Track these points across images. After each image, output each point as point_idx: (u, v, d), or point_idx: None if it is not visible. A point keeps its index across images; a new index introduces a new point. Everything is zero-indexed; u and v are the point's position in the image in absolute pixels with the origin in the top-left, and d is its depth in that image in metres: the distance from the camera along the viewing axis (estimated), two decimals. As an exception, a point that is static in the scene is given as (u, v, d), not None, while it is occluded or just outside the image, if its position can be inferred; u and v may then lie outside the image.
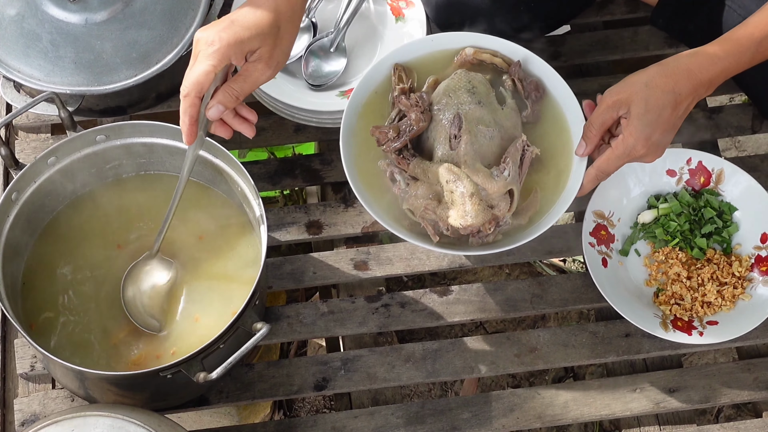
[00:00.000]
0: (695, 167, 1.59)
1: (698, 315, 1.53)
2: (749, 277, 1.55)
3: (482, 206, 1.39)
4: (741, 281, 1.54)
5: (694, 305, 1.53)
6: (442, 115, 1.46)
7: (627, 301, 1.52)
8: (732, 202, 1.58)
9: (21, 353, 1.51)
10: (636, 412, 1.51)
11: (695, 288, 1.54)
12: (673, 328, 1.50)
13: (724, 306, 1.53)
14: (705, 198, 1.58)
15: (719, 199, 1.58)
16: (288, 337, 1.55)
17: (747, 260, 1.55)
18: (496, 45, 1.53)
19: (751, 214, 1.57)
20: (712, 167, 1.59)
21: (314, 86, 1.64)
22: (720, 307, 1.53)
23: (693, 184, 1.60)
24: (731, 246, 1.57)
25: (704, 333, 1.50)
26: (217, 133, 1.37)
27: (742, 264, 1.55)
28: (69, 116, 1.47)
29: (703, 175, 1.59)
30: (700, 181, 1.59)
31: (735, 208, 1.58)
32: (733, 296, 1.53)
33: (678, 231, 1.56)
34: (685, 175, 1.59)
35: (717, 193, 1.59)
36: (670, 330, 1.50)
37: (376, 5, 1.70)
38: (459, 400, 1.52)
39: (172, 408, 1.48)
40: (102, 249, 1.48)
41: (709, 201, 1.58)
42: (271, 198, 2.01)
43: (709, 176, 1.59)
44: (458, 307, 1.56)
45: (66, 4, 1.55)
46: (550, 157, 1.49)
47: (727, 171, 1.58)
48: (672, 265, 1.55)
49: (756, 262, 1.55)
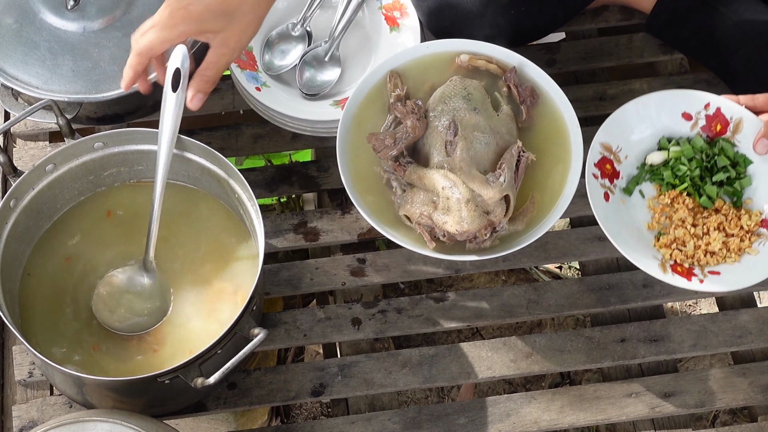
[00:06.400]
0: (713, 113, 1.53)
1: (700, 263, 1.48)
2: (758, 232, 1.49)
3: (478, 212, 1.40)
4: (749, 235, 1.49)
5: (696, 253, 1.48)
6: (438, 122, 1.46)
7: (625, 239, 1.47)
8: (747, 155, 1.52)
9: (19, 360, 1.52)
10: (632, 417, 1.52)
11: (699, 236, 1.49)
12: (672, 271, 1.46)
13: (728, 258, 1.48)
14: (720, 145, 1.52)
15: (735, 150, 1.53)
16: (285, 343, 1.55)
17: (757, 215, 1.50)
18: (491, 51, 1.54)
19: (766, 168, 1.52)
20: (730, 116, 1.52)
21: (309, 95, 1.65)
22: (724, 258, 1.48)
23: (708, 130, 1.53)
24: (742, 200, 1.52)
25: (705, 281, 1.46)
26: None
27: (751, 218, 1.50)
28: (67, 124, 1.48)
29: (720, 122, 1.52)
30: (716, 129, 1.53)
31: (750, 161, 1.52)
32: (740, 249, 1.48)
33: (687, 176, 1.51)
34: (701, 120, 1.54)
35: (732, 143, 1.53)
36: (669, 272, 1.45)
37: (370, 15, 1.70)
38: (456, 406, 1.52)
39: (170, 414, 1.48)
40: (100, 256, 1.49)
41: (725, 149, 1.52)
42: (268, 205, 2.01)
43: (726, 124, 1.52)
44: (455, 313, 1.57)
45: (64, 12, 1.56)
46: (546, 162, 1.50)
47: (746, 121, 1.52)
48: (678, 209, 1.50)
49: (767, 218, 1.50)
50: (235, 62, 1.63)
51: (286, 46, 1.68)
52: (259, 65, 1.66)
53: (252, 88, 1.61)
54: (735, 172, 1.52)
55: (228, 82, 1.72)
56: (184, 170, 1.50)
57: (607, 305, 1.57)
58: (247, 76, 1.63)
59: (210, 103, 1.70)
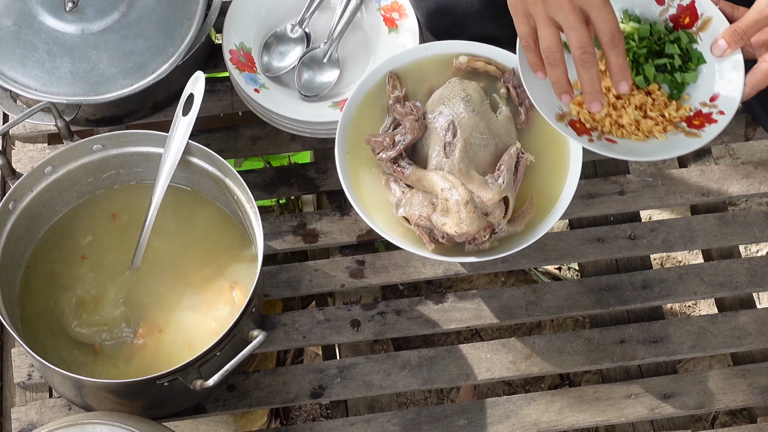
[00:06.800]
0: (686, 5, 1.48)
1: (603, 129, 1.45)
2: (678, 125, 1.46)
3: (477, 214, 1.40)
4: (666, 124, 1.46)
5: (604, 120, 1.45)
6: (437, 123, 1.47)
7: (539, 83, 1.43)
8: (704, 54, 1.48)
9: (18, 362, 1.52)
10: (631, 418, 1.52)
11: (616, 107, 1.46)
12: (569, 125, 1.43)
13: (634, 136, 1.45)
14: (677, 35, 1.49)
15: (694, 47, 1.48)
16: (284, 345, 1.55)
17: (686, 110, 1.46)
18: (490, 53, 1.54)
19: (717, 72, 1.46)
20: (702, 12, 1.48)
21: (307, 97, 1.65)
22: (630, 135, 1.45)
23: (676, 21, 1.50)
24: (681, 95, 1.48)
25: (594, 141, 1.42)
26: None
27: (678, 111, 1.46)
28: (65, 126, 1.48)
29: (690, 16, 1.48)
30: (684, 21, 1.49)
31: (704, 61, 1.48)
32: (650, 131, 1.45)
33: (632, 52, 1.48)
34: (672, 8, 1.50)
35: (694, 39, 1.49)
36: (564, 123, 1.42)
37: (369, 16, 1.70)
38: (455, 407, 1.52)
39: (169, 416, 1.48)
40: (99, 258, 1.49)
41: (680, 39, 1.48)
42: (267, 207, 2.01)
43: (695, 20, 1.48)
44: (454, 315, 1.57)
45: (62, 14, 1.56)
46: (545, 163, 1.50)
47: (715, 22, 1.46)
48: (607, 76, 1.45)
49: (693, 116, 1.46)
50: (234, 64, 1.63)
51: (284, 47, 1.68)
52: (257, 67, 1.66)
53: (251, 89, 1.61)
54: (681, 63, 1.47)
55: (226, 84, 1.72)
56: (182, 172, 1.50)
57: (606, 306, 1.58)
58: (246, 78, 1.63)
59: (209, 105, 1.71)
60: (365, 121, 1.52)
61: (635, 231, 1.62)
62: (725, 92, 1.45)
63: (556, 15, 1.35)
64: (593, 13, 1.35)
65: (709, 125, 1.44)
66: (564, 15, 1.34)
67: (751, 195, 1.66)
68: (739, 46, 1.42)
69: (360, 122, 1.51)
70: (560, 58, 1.39)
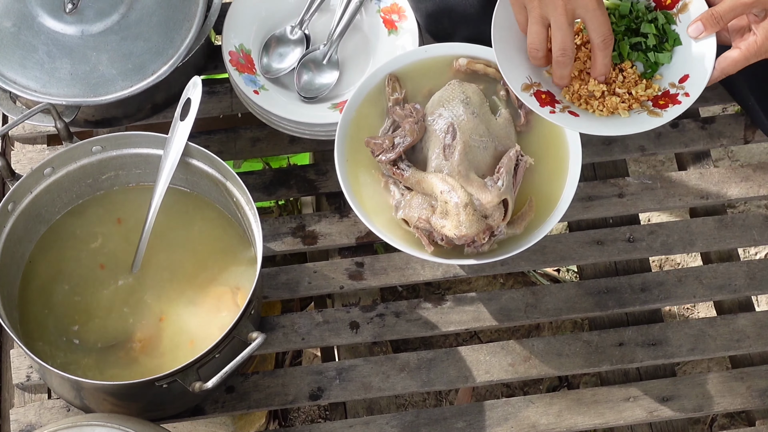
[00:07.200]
0: None
1: (566, 100, 1.46)
2: (644, 104, 1.46)
3: (476, 216, 1.40)
4: (631, 101, 1.46)
5: (570, 91, 1.46)
6: (436, 126, 1.47)
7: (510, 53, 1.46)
8: (681, 36, 1.48)
9: (17, 363, 1.51)
10: (630, 421, 1.52)
11: (584, 80, 1.47)
12: (534, 95, 1.44)
13: (598, 110, 1.46)
14: (655, 15, 1.49)
15: (673, 28, 1.49)
16: (283, 347, 1.55)
17: (655, 89, 1.46)
18: (489, 55, 1.54)
19: (690, 54, 1.46)
20: None
21: (307, 99, 1.65)
22: (594, 109, 1.46)
23: (658, 1, 1.50)
24: (654, 74, 1.49)
25: (556, 113, 1.43)
26: None
27: (646, 90, 1.46)
28: (65, 127, 1.48)
29: None
30: (666, 2, 1.49)
31: (680, 42, 1.48)
32: (614, 108, 1.45)
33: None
34: None
35: (673, 20, 1.49)
36: (529, 93, 1.44)
37: (368, 18, 1.70)
38: (454, 410, 1.52)
39: (168, 418, 1.48)
40: (98, 260, 1.49)
41: (657, 19, 1.49)
42: (266, 208, 2.01)
43: (676, 1, 1.49)
44: (453, 317, 1.57)
45: (62, 15, 1.56)
46: (545, 166, 1.50)
47: (695, 5, 1.47)
48: (581, 49, 1.48)
49: (660, 96, 1.46)
50: (233, 65, 1.63)
51: (284, 49, 1.68)
52: (257, 68, 1.66)
53: (250, 91, 1.61)
54: (656, 43, 1.48)
55: (226, 86, 1.72)
56: (181, 174, 1.50)
57: (605, 309, 1.58)
58: (245, 79, 1.63)
59: (208, 107, 1.70)
60: (365, 123, 1.52)
61: (634, 233, 1.62)
62: (694, 74, 1.46)
63: (549, 13, 1.39)
64: (588, 15, 1.39)
65: (672, 106, 1.45)
66: (556, 15, 1.39)
67: (750, 198, 1.66)
68: (715, 30, 1.43)
69: (359, 124, 1.51)
70: (542, 56, 1.45)
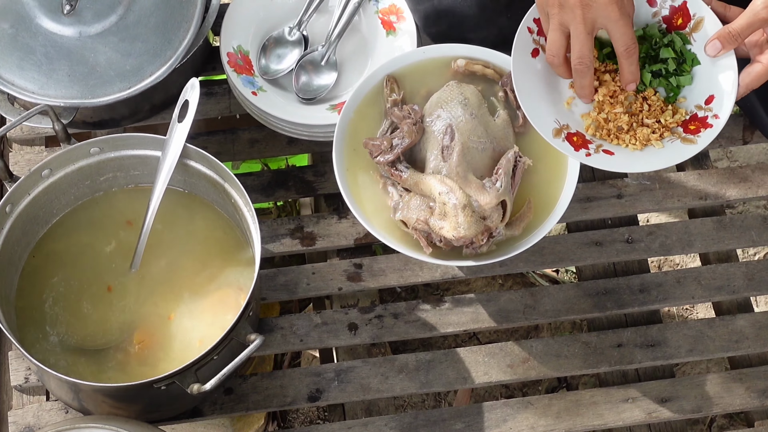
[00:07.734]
0: (678, 5, 1.48)
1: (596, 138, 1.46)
2: (674, 130, 1.46)
3: (475, 218, 1.40)
4: (662, 130, 1.46)
5: (605, 126, 1.46)
6: (435, 127, 1.46)
7: (535, 97, 1.45)
8: (698, 56, 1.46)
9: (15, 365, 1.51)
10: (628, 422, 1.52)
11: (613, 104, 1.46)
12: (566, 140, 1.44)
13: (631, 144, 1.45)
14: (671, 38, 1.48)
15: (688, 48, 1.48)
16: (282, 349, 1.55)
17: (682, 114, 1.46)
18: (487, 56, 1.54)
19: (711, 73, 1.46)
20: (694, 12, 1.46)
21: (305, 100, 1.65)
22: (626, 143, 1.45)
23: (669, 22, 1.49)
24: (677, 97, 1.48)
25: (591, 155, 1.43)
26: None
27: (674, 115, 1.46)
28: (63, 129, 1.48)
29: (682, 16, 1.48)
30: (677, 23, 1.48)
31: (699, 62, 1.47)
32: (647, 140, 1.45)
33: None
34: (665, 9, 1.49)
35: (688, 40, 1.48)
36: (561, 138, 1.43)
37: (367, 19, 1.70)
38: (452, 411, 1.52)
39: (166, 419, 1.48)
40: (96, 261, 1.49)
41: (674, 42, 1.48)
42: (265, 209, 2.01)
43: (688, 20, 1.48)
44: (451, 318, 1.57)
45: (60, 17, 1.56)
46: (543, 167, 1.50)
47: (708, 22, 1.46)
48: (607, 82, 1.47)
49: (689, 120, 1.46)
50: (231, 66, 1.63)
51: (282, 50, 1.68)
52: (255, 69, 1.66)
53: (248, 92, 1.61)
54: (676, 66, 1.48)
55: (224, 87, 1.72)
56: (180, 175, 1.50)
57: (603, 310, 1.58)
58: (244, 81, 1.62)
59: (206, 108, 1.70)
60: (363, 124, 1.52)
61: (633, 234, 1.62)
62: (720, 94, 1.45)
63: (569, 22, 1.39)
64: (610, 25, 1.39)
65: (705, 130, 1.44)
66: (575, 24, 1.39)
67: (749, 198, 1.67)
68: (733, 47, 1.43)
69: (358, 125, 1.51)
70: (558, 63, 1.44)
